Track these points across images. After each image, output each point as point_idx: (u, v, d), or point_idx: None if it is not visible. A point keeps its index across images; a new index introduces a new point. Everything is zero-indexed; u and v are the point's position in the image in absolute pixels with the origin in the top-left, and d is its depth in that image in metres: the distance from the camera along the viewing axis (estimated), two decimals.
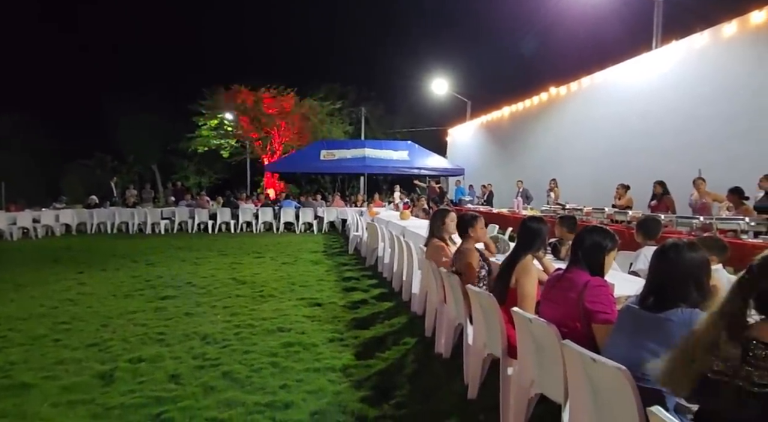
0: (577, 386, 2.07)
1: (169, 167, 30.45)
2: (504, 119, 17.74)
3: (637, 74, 10.96)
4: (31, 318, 5.19)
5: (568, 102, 13.83)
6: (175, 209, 15.58)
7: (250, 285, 6.85)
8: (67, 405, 3.14)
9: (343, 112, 28.44)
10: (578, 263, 2.48)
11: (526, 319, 2.47)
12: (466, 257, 3.72)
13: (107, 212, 15.41)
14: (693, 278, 1.91)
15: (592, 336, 2.30)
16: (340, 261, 9.15)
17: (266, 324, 4.88)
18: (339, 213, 15.78)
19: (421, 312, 5.06)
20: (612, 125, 11.60)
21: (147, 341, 4.40)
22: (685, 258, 1.93)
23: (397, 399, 3.22)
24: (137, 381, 3.51)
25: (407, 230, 7.95)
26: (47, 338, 4.50)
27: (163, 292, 6.44)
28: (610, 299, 2.33)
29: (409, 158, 18.38)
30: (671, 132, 9.74)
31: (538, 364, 2.47)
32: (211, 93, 25.84)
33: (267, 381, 3.51)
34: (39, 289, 6.70)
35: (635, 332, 1.94)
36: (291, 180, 28.02)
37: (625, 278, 3.53)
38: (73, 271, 8.09)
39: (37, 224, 13.97)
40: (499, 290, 3.06)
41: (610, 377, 1.79)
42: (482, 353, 3.17)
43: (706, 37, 9.19)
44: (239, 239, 12.90)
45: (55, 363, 3.85)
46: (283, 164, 21.44)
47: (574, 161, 12.87)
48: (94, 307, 5.67)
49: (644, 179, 8.86)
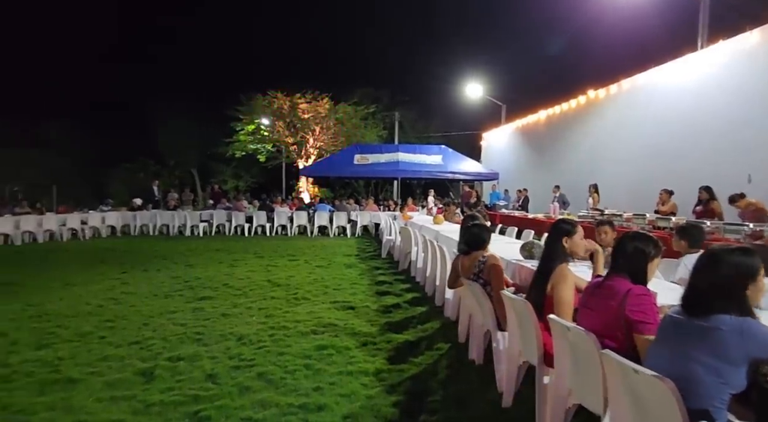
0: (618, 397, 2.00)
1: (207, 170, 31.32)
2: (540, 122, 17.44)
3: (682, 76, 10.59)
4: (79, 316, 5.41)
5: (607, 105, 13.49)
6: (213, 212, 16.01)
7: (285, 288, 6.95)
8: (110, 400, 3.26)
9: (377, 116, 28.55)
10: (619, 270, 2.40)
11: (563, 327, 2.41)
12: (492, 264, 3.69)
13: (149, 214, 15.97)
14: (741, 285, 1.82)
15: (634, 346, 2.22)
16: (373, 265, 9.17)
17: (300, 327, 4.94)
18: (372, 217, 15.84)
19: (454, 318, 5.01)
20: (653, 128, 11.24)
21: (185, 340, 4.52)
22: (735, 262, 1.84)
23: (431, 405, 3.19)
24: (176, 379, 3.61)
25: (440, 235, 7.90)
26: (93, 335, 4.69)
27: (201, 293, 6.61)
28: (654, 308, 2.24)
29: (443, 163, 18.27)
30: (717, 135, 9.36)
31: (575, 373, 2.41)
32: (248, 99, 26.42)
33: (300, 382, 3.54)
34: (86, 288, 6.99)
35: (680, 342, 1.85)
36: (325, 184, 28.31)
37: (669, 287, 3.40)
38: (117, 271, 8.41)
39: (84, 225, 14.61)
40: (535, 297, 3.00)
41: (653, 389, 1.72)
42: (517, 360, 3.11)
43: (756, 37, 8.80)
44: (274, 242, 13.12)
45: (100, 360, 4.01)
46: (318, 169, 21.69)
47: (613, 165, 12.52)
48: (137, 306, 5.87)
49: (688, 184, 8.52)
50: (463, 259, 4.08)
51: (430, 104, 31.75)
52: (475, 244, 4.02)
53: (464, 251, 4.12)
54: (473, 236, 4.05)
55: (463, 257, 4.09)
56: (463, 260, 4.06)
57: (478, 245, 4.01)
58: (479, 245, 4.01)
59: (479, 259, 3.86)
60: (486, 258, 3.80)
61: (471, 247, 4.05)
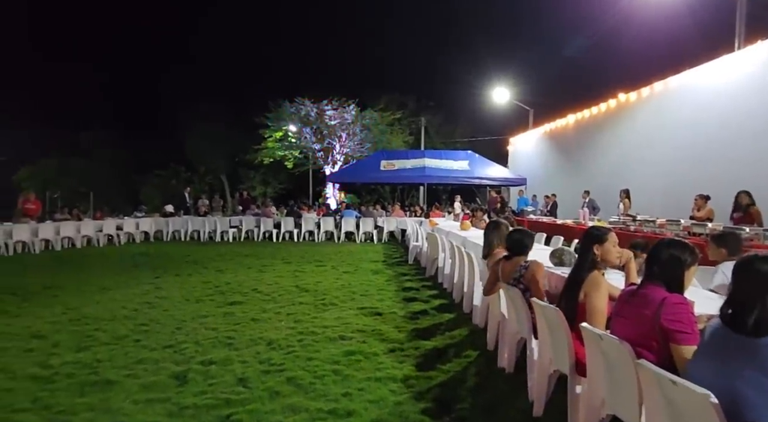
0: (655, 409, 1.95)
1: (236, 177, 31.93)
2: (569, 127, 17.17)
3: (717, 77, 10.28)
4: (115, 319, 5.58)
5: (638, 108, 13.19)
6: (242, 218, 16.30)
7: (313, 293, 7.02)
8: (146, 402, 3.35)
9: (403, 122, 28.63)
10: (653, 278, 2.34)
11: (596, 336, 2.37)
12: (534, 271, 3.64)
13: (181, 220, 16.37)
14: None
15: (669, 356, 2.16)
16: (400, 271, 9.17)
17: (328, 332, 4.98)
18: (399, 223, 15.85)
19: (482, 325, 4.97)
20: (688, 130, 10.93)
21: (217, 344, 4.61)
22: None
23: (459, 413, 3.17)
24: (208, 382, 3.68)
25: (468, 241, 7.84)
26: (129, 338, 4.83)
27: (231, 298, 6.73)
28: (691, 318, 2.17)
29: (470, 168, 18.17)
30: (754, 137, 9.04)
31: (609, 383, 2.36)
32: (276, 106, 26.86)
33: (329, 388, 3.57)
34: (121, 292, 7.21)
35: (724, 356, 1.78)
36: (351, 190, 28.51)
37: (707, 296, 3.30)
38: (150, 276, 8.64)
39: (120, 231, 15.07)
40: (566, 305, 2.95)
41: (693, 402, 1.67)
42: (548, 369, 3.07)
43: None
44: (302, 248, 13.26)
45: (136, 363, 4.12)
46: (344, 175, 21.86)
47: (646, 169, 12.22)
48: (170, 310, 6.02)
49: (724, 188, 8.25)
50: (504, 264, 4.05)
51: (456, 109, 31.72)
52: (517, 249, 3.99)
53: (505, 257, 4.10)
54: (515, 242, 4.02)
55: (504, 262, 4.06)
56: (504, 265, 4.03)
57: (521, 250, 3.98)
58: (521, 250, 3.97)
59: (521, 264, 3.83)
60: (528, 264, 3.76)
61: (513, 252, 4.02)
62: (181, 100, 30.09)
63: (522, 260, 3.89)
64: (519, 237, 4.04)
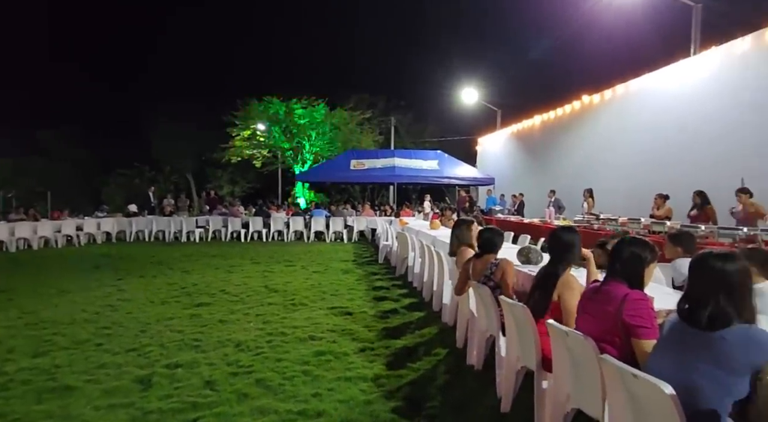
0: (617, 402, 2.02)
1: (203, 176, 31.29)
2: (535, 127, 17.53)
3: (675, 81, 10.68)
4: (75, 323, 5.39)
5: (601, 110, 13.58)
6: (209, 218, 15.97)
7: (282, 293, 6.95)
8: (108, 408, 3.24)
9: (373, 121, 28.63)
10: (616, 275, 2.42)
11: (562, 332, 2.42)
12: (504, 269, 3.71)
13: (145, 220, 15.92)
14: (738, 290, 1.82)
15: (632, 351, 2.23)
16: (370, 270, 9.17)
17: (298, 332, 4.94)
18: (369, 222, 15.85)
19: (452, 323, 5.02)
20: (648, 133, 11.32)
21: (183, 347, 4.51)
22: (726, 269, 1.84)
23: (429, 411, 3.20)
24: (174, 386, 3.60)
25: (437, 240, 7.91)
26: (90, 342, 4.67)
27: (198, 299, 6.59)
28: (651, 313, 2.26)
29: (439, 168, 18.33)
30: (710, 140, 9.44)
31: (574, 378, 2.42)
32: (244, 104, 26.43)
33: (299, 389, 3.54)
34: (82, 294, 6.96)
35: (682, 350, 1.85)
36: (321, 189, 28.33)
37: (666, 292, 3.43)
38: (113, 278, 8.37)
39: (80, 231, 14.55)
40: (536, 303, 3.01)
41: (653, 395, 1.73)
42: (516, 366, 3.13)
43: (748, 42, 8.90)
44: (271, 248, 13.10)
45: (98, 367, 3.99)
46: (314, 174, 21.70)
47: (608, 170, 12.60)
48: (133, 313, 5.85)
49: (682, 188, 8.59)
50: (475, 262, 4.10)
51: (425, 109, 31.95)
52: (487, 247, 4.05)
53: (476, 255, 4.15)
54: (485, 240, 4.09)
55: (475, 261, 4.11)
56: (475, 264, 4.09)
57: (491, 248, 4.04)
58: (491, 248, 4.04)
59: (491, 261, 3.89)
60: (498, 261, 3.83)
61: (483, 250, 4.08)
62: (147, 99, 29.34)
63: (492, 258, 3.96)
64: (489, 236, 4.11)
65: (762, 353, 1.71)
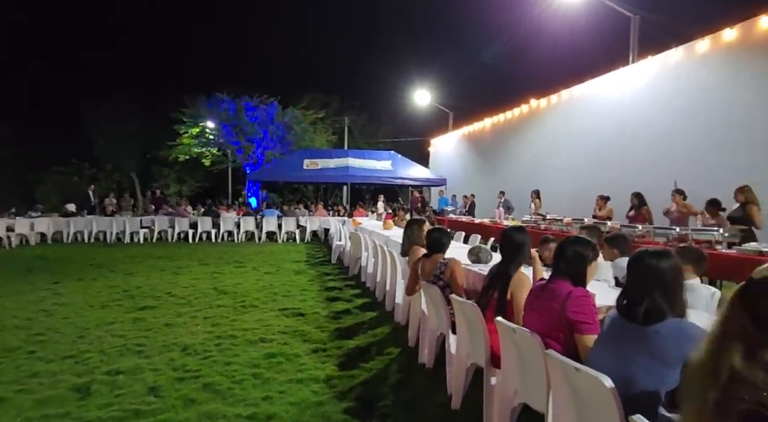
0: (560, 395, 2.09)
1: (148, 175, 30.00)
2: (486, 130, 17.96)
3: (614, 88, 11.23)
4: (5, 330, 5.04)
5: (548, 114, 14.07)
6: (154, 218, 15.34)
7: (232, 295, 6.77)
8: (41, 419, 3.05)
9: (327, 121, 28.42)
10: (560, 273, 2.51)
11: (509, 329, 2.49)
12: (452, 268, 3.78)
13: (84, 220, 15.08)
14: (671, 287, 1.93)
15: (575, 346, 2.32)
16: (322, 271, 9.10)
17: (248, 335, 4.83)
18: (322, 222, 15.73)
19: (404, 322, 5.06)
20: (591, 137, 11.83)
21: (125, 352, 4.31)
22: (660, 266, 1.95)
23: (381, 411, 3.21)
24: (115, 393, 3.43)
25: (390, 240, 7.95)
26: (21, 350, 4.38)
27: (142, 302, 6.32)
28: (593, 309, 2.36)
29: (392, 168, 18.47)
30: (648, 144, 9.98)
31: (521, 374, 2.49)
32: (192, 101, 25.60)
33: (249, 392, 3.46)
34: (12, 299, 6.52)
35: (621, 344, 1.94)
36: (273, 189, 27.85)
37: (607, 289, 3.59)
38: (48, 281, 7.89)
39: (11, 232, 13.58)
40: (487, 301, 3.08)
41: (593, 387, 1.81)
42: (466, 363, 3.19)
43: (681, 53, 9.48)
44: (220, 249, 12.75)
45: (30, 376, 3.74)
46: (266, 173, 21.33)
47: (555, 172, 13.07)
48: (70, 318, 5.53)
49: (623, 190, 9.05)
50: (424, 262, 4.15)
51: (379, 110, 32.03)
52: (436, 247, 4.11)
53: (425, 255, 4.20)
54: (433, 240, 4.16)
55: (424, 260, 4.16)
56: (424, 263, 4.13)
57: (439, 248, 4.10)
58: (439, 248, 4.10)
59: (440, 261, 3.95)
60: (446, 261, 3.89)
61: (431, 250, 4.13)
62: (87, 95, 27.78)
63: (441, 257, 4.02)
64: (437, 236, 4.18)
65: (693, 345, 1.82)
